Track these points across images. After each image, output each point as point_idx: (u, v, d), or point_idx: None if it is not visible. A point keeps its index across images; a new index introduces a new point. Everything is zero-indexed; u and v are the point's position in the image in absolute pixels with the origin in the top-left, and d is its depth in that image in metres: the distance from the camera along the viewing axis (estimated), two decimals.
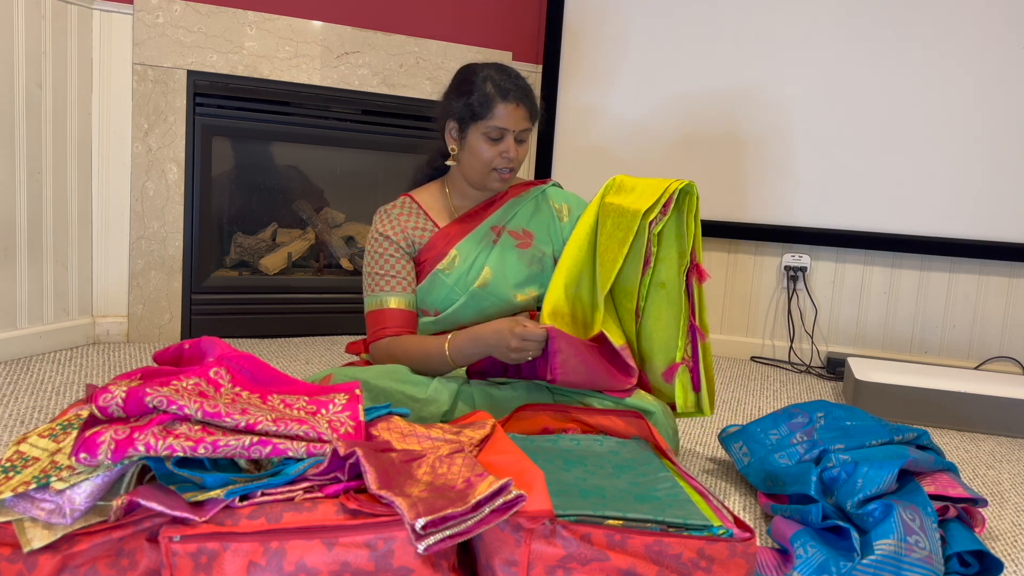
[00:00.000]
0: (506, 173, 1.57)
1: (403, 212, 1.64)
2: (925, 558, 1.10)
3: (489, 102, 1.52)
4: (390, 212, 1.64)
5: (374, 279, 1.60)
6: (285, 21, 2.44)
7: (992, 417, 2.08)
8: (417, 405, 1.43)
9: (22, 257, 2.14)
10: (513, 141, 1.54)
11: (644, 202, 1.46)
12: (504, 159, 1.55)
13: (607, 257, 1.50)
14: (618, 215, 1.50)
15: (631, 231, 1.46)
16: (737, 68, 2.69)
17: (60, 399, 1.85)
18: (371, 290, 1.60)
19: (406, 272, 1.60)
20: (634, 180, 1.56)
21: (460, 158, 1.59)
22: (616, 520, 1.01)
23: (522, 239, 1.64)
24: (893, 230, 2.64)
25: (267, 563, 0.92)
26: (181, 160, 2.38)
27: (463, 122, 1.55)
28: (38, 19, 2.10)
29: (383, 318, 1.57)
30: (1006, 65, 2.51)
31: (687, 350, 1.50)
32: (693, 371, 1.51)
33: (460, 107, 1.55)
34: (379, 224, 1.63)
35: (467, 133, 1.56)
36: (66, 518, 0.93)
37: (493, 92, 1.52)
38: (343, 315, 2.72)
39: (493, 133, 1.53)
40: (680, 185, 1.46)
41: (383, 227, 1.62)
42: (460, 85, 1.57)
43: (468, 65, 1.60)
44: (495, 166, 1.56)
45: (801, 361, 2.76)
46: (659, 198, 1.46)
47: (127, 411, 1.01)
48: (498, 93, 1.52)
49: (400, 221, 1.62)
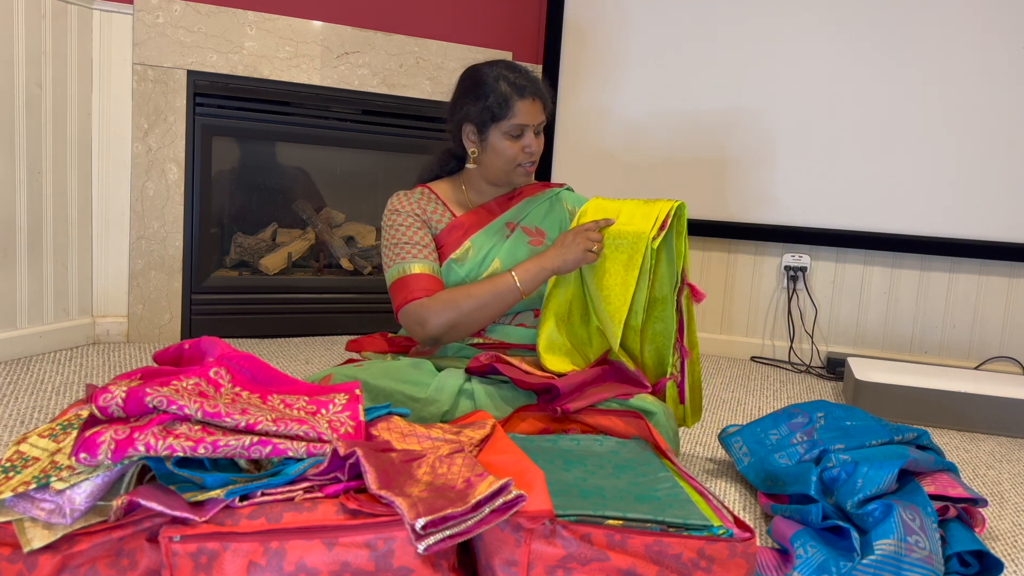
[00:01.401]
0: (530, 166, 1.62)
1: (422, 197, 1.67)
2: (925, 558, 1.10)
3: (507, 101, 1.54)
4: (409, 195, 1.66)
5: (394, 250, 1.58)
6: (285, 21, 2.44)
7: (992, 417, 2.08)
8: (417, 405, 1.44)
9: (22, 257, 2.14)
10: (533, 135, 1.58)
11: (643, 223, 1.48)
12: (527, 154, 1.59)
13: (612, 280, 1.50)
14: (616, 237, 1.51)
15: (637, 251, 1.47)
16: (737, 68, 2.69)
17: (60, 399, 1.85)
18: (392, 262, 1.58)
19: (427, 240, 1.60)
20: (616, 203, 1.58)
21: (481, 160, 1.62)
22: (616, 520, 1.01)
23: (534, 236, 1.67)
24: (893, 230, 2.64)
25: (267, 563, 0.92)
26: (181, 160, 2.38)
27: (483, 125, 1.57)
28: (38, 19, 2.10)
29: (410, 283, 1.53)
30: (1006, 65, 2.51)
31: (675, 365, 1.53)
32: (680, 385, 1.54)
33: (478, 110, 1.56)
34: (396, 202, 1.64)
35: (487, 134, 1.58)
36: (66, 518, 0.93)
37: (510, 91, 1.54)
38: (343, 315, 2.72)
39: (515, 131, 1.56)
40: (675, 205, 1.48)
41: (400, 204, 1.63)
42: (473, 88, 1.58)
43: (474, 67, 1.61)
44: (519, 162, 1.60)
45: (801, 361, 2.76)
46: (658, 218, 1.47)
47: (127, 411, 1.01)
48: (515, 91, 1.54)
49: (420, 203, 1.65)
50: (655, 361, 1.55)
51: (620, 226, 1.51)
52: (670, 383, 1.53)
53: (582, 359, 1.57)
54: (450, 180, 1.72)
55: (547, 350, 1.55)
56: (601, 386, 1.50)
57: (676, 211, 1.48)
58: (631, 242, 1.48)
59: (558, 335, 1.57)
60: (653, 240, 1.45)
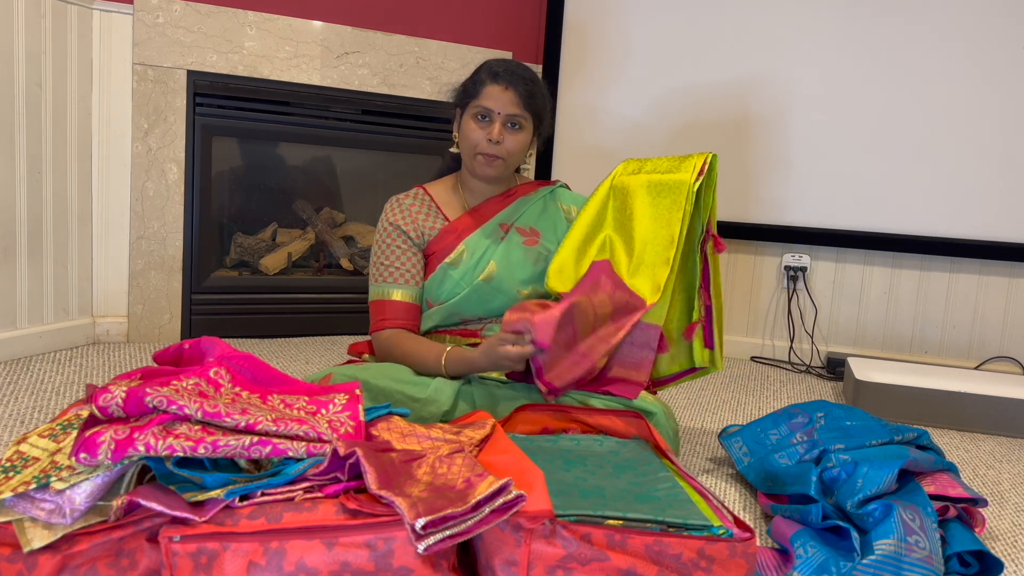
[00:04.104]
0: (492, 159, 1.58)
1: (415, 203, 1.67)
2: (925, 558, 1.10)
3: (480, 83, 1.57)
4: (402, 202, 1.66)
5: (380, 269, 1.64)
6: (285, 21, 2.44)
7: (992, 417, 2.08)
8: (417, 405, 1.44)
9: (22, 257, 2.14)
10: (500, 125, 1.56)
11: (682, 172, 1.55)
12: (489, 142, 1.56)
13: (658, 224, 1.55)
14: (658, 185, 1.57)
15: (680, 194, 1.54)
16: (737, 68, 2.69)
17: (60, 399, 1.85)
18: (376, 280, 1.64)
19: (412, 264, 1.63)
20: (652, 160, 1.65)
21: (460, 145, 1.64)
22: (616, 520, 1.01)
23: (529, 236, 1.66)
24: (893, 230, 2.64)
25: (267, 563, 0.92)
26: (181, 160, 2.38)
27: (462, 107, 1.61)
28: (38, 19, 2.10)
29: (386, 309, 1.61)
30: (1006, 65, 2.51)
31: (701, 311, 1.62)
32: (707, 329, 1.63)
33: (460, 92, 1.62)
34: (390, 213, 1.65)
35: (462, 116, 1.61)
36: (66, 518, 0.93)
37: (485, 75, 1.57)
38: (343, 315, 2.72)
39: (481, 112, 1.57)
40: (710, 156, 1.55)
41: (394, 216, 1.65)
42: (468, 76, 1.63)
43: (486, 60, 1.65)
44: (480, 150, 1.57)
45: (801, 361, 2.76)
46: (695, 165, 1.55)
47: (127, 411, 1.00)
48: (489, 76, 1.57)
49: (411, 211, 1.65)
50: (685, 307, 1.64)
51: (660, 175, 1.58)
52: (698, 328, 1.62)
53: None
54: (450, 179, 1.72)
55: (556, 274, 1.59)
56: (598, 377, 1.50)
57: (709, 162, 1.55)
58: (672, 187, 1.55)
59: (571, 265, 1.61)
60: (694, 184, 1.52)
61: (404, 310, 1.61)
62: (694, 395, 2.27)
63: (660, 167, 1.61)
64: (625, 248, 1.59)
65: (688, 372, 1.69)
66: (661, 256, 1.53)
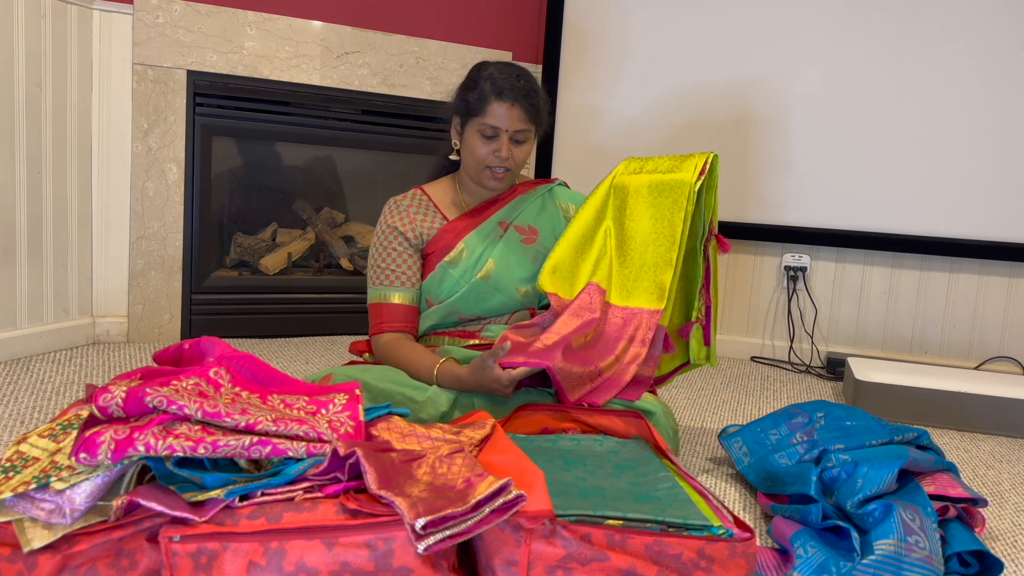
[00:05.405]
0: (500, 172, 1.59)
1: (413, 204, 1.66)
2: (925, 558, 1.10)
3: (484, 100, 1.55)
4: (400, 203, 1.66)
5: (378, 272, 1.64)
6: (285, 21, 2.44)
7: (992, 417, 2.08)
8: (416, 407, 1.44)
9: (22, 257, 2.14)
10: (507, 141, 1.56)
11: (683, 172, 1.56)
12: (497, 158, 1.57)
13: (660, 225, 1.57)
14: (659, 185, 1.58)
15: (682, 195, 1.55)
16: (737, 68, 2.69)
17: (60, 399, 1.85)
18: (374, 282, 1.64)
19: (410, 266, 1.63)
20: (653, 160, 1.65)
21: (462, 155, 1.64)
22: (616, 520, 1.01)
23: (527, 235, 1.67)
24: (893, 230, 2.64)
25: (267, 563, 0.92)
26: (181, 160, 2.38)
27: (464, 118, 1.59)
28: (38, 19, 2.10)
29: (384, 312, 1.62)
30: (1007, 65, 2.51)
31: (701, 310, 1.64)
32: (705, 328, 1.64)
33: (462, 103, 1.59)
34: (388, 216, 1.65)
35: (465, 129, 1.60)
36: (66, 518, 0.93)
37: (489, 90, 1.54)
38: (343, 315, 2.72)
39: (487, 131, 1.56)
40: (711, 156, 1.56)
41: (392, 219, 1.64)
42: (466, 81, 1.61)
43: (481, 63, 1.63)
44: (488, 164, 1.59)
45: (801, 361, 2.76)
46: (696, 165, 1.55)
47: (127, 411, 1.00)
48: (493, 91, 1.54)
49: (409, 213, 1.65)
50: (683, 305, 1.65)
51: (661, 175, 1.59)
52: (696, 326, 1.62)
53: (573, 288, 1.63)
54: (448, 179, 1.72)
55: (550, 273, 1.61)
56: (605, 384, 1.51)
57: (711, 162, 1.56)
58: (674, 187, 1.56)
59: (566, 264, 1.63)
60: (695, 183, 1.53)
61: (402, 313, 1.61)
62: (694, 395, 2.27)
63: (661, 166, 1.61)
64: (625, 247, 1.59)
65: (679, 368, 1.70)
66: (664, 257, 1.54)
